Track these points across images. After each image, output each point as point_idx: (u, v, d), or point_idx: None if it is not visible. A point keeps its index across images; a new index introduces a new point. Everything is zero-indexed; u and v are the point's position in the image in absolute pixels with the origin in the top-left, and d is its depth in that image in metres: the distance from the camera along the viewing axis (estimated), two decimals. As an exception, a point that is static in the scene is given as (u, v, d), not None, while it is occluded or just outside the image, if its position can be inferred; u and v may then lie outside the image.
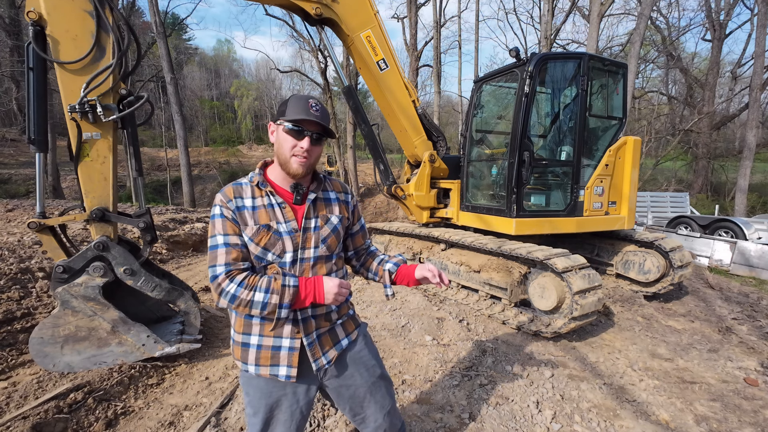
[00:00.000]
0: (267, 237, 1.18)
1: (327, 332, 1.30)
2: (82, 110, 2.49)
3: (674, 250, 4.24)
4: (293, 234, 1.21)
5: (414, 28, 15.65)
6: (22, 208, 8.77)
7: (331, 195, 1.34)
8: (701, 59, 21.98)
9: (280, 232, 1.19)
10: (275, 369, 1.22)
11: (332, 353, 1.30)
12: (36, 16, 2.40)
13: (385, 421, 1.41)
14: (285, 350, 1.22)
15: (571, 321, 3.19)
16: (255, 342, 1.23)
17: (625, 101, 4.44)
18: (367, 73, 4.48)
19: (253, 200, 1.20)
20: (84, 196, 2.65)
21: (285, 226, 1.20)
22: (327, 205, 1.31)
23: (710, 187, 18.32)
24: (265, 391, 1.25)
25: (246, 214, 1.18)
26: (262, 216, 1.19)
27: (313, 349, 1.25)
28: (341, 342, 1.34)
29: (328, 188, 1.35)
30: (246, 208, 1.18)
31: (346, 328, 1.37)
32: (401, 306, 4.10)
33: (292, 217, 1.22)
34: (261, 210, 1.19)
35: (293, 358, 1.22)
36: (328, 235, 1.27)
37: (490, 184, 4.52)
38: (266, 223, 1.18)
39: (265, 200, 1.21)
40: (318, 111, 1.17)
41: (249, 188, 1.22)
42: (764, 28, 11.35)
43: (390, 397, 1.45)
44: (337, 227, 1.31)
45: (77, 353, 2.54)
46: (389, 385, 1.48)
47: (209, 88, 46.30)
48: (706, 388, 2.77)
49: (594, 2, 11.07)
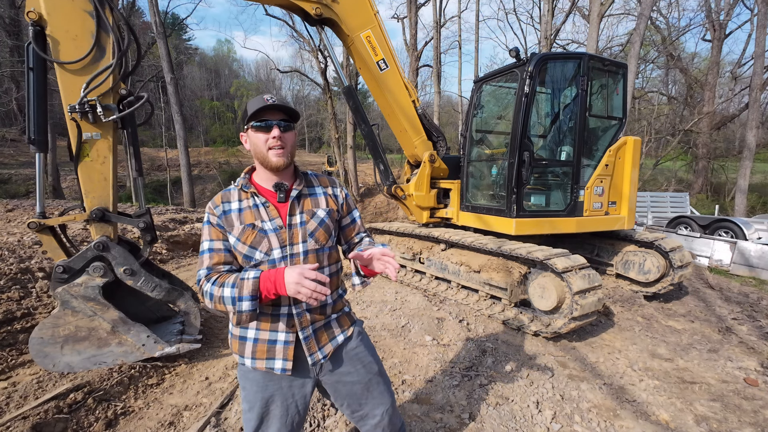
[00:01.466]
0: (252, 235, 1.23)
1: (323, 327, 1.32)
2: (82, 110, 2.49)
3: (674, 250, 4.23)
4: (278, 231, 1.24)
5: (414, 28, 15.65)
6: (22, 208, 8.77)
7: (317, 190, 1.36)
8: (701, 59, 21.99)
9: (265, 230, 1.23)
10: (271, 362, 1.25)
11: (328, 348, 1.32)
12: (36, 16, 2.40)
13: (384, 418, 1.41)
14: (281, 344, 1.25)
15: (571, 321, 3.19)
16: (252, 335, 1.26)
17: (625, 101, 4.44)
18: (367, 73, 4.48)
19: (240, 203, 1.26)
20: (84, 196, 2.65)
21: (269, 224, 1.24)
22: (312, 200, 1.33)
23: (710, 187, 18.31)
24: (260, 384, 1.28)
25: (233, 217, 1.24)
26: (247, 216, 1.24)
27: (309, 343, 1.27)
28: (337, 337, 1.35)
29: (314, 184, 1.38)
30: (233, 211, 1.25)
31: (341, 323, 1.38)
32: (401, 306, 4.10)
33: (275, 215, 1.25)
34: (246, 211, 1.25)
35: (288, 352, 1.25)
36: (315, 229, 1.29)
37: (490, 184, 4.52)
38: (251, 222, 1.24)
39: (250, 201, 1.26)
40: (274, 99, 1.21)
41: (236, 192, 1.28)
42: (764, 29, 11.35)
43: (389, 394, 1.45)
44: (324, 220, 1.31)
45: (77, 353, 2.54)
46: (387, 382, 1.48)
47: (209, 88, 46.27)
48: (706, 388, 2.77)
49: (594, 2, 11.08)
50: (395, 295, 4.46)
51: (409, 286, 4.86)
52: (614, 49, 19.66)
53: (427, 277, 4.82)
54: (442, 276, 4.55)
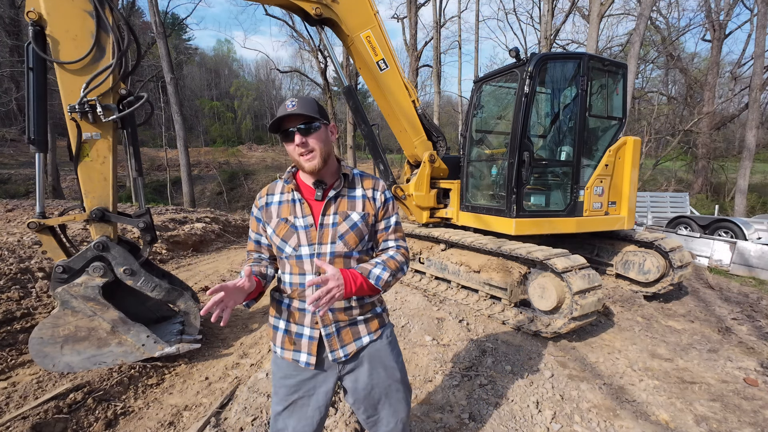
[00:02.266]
0: (285, 229, 1.28)
1: (348, 326, 1.32)
2: (82, 110, 2.49)
3: (674, 250, 4.24)
4: (308, 229, 1.26)
5: (414, 28, 15.66)
6: (21, 208, 8.77)
7: (357, 192, 1.34)
8: (701, 59, 22.00)
9: (296, 226, 1.27)
10: (297, 354, 1.31)
11: (351, 347, 1.32)
12: (36, 16, 2.40)
13: (397, 427, 1.40)
14: (306, 338, 1.30)
15: (570, 321, 3.19)
16: (282, 326, 1.34)
17: (624, 101, 4.44)
18: (367, 73, 4.48)
19: (281, 195, 1.33)
20: (84, 196, 2.65)
21: (302, 221, 1.27)
22: (350, 202, 1.31)
23: (710, 188, 18.31)
24: (287, 372, 1.34)
25: (273, 209, 1.32)
26: (284, 210, 1.30)
27: (331, 340, 1.29)
28: (362, 338, 1.34)
29: (356, 185, 1.35)
30: (273, 204, 1.32)
31: (369, 325, 1.36)
32: (401, 306, 4.10)
33: (308, 212, 1.27)
34: (285, 204, 1.31)
35: (312, 347, 1.29)
36: (345, 232, 1.27)
37: (489, 184, 4.52)
38: (285, 217, 1.29)
39: (289, 196, 1.31)
40: (294, 105, 1.18)
41: (280, 185, 1.35)
42: (764, 29, 11.36)
43: (406, 404, 1.44)
44: (357, 224, 1.29)
45: (77, 353, 2.54)
46: (407, 391, 1.46)
47: (209, 88, 46.25)
48: (705, 388, 2.77)
49: (594, 2, 11.08)
50: (395, 295, 4.46)
51: (408, 286, 4.86)
52: (614, 49, 19.68)
53: (427, 277, 4.82)
54: (441, 276, 4.55)
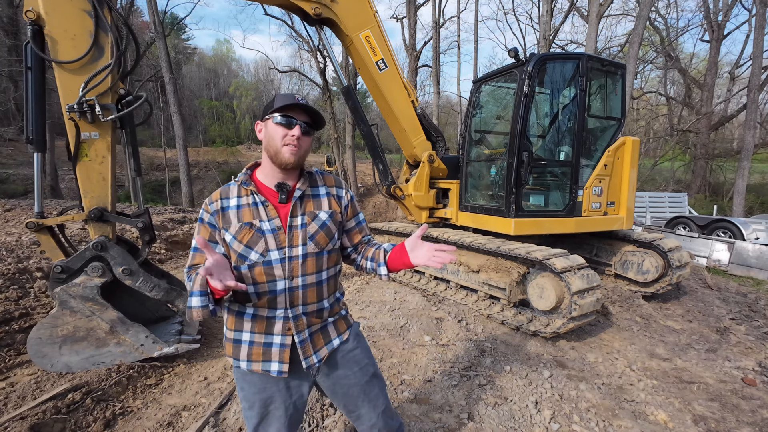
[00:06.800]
0: (249, 234, 1.19)
1: (319, 330, 1.31)
2: (81, 110, 2.49)
3: (672, 251, 4.24)
4: (276, 232, 1.21)
5: (413, 28, 15.67)
6: (20, 208, 8.74)
7: (321, 190, 1.33)
8: (699, 60, 22.03)
9: (263, 230, 1.20)
10: (267, 365, 1.24)
11: (323, 352, 1.31)
12: (34, 15, 2.39)
13: (380, 420, 1.41)
14: (276, 347, 1.24)
15: (569, 321, 3.19)
16: (247, 338, 1.25)
17: (623, 102, 4.45)
18: (366, 74, 4.48)
19: (238, 199, 1.23)
20: (82, 196, 2.65)
21: (268, 224, 1.20)
22: (315, 201, 1.29)
23: (708, 188, 18.34)
24: (258, 386, 1.27)
25: (231, 214, 1.21)
26: (245, 214, 1.21)
27: (305, 347, 1.26)
28: (333, 341, 1.34)
29: (318, 183, 1.34)
30: (230, 208, 1.22)
31: (337, 327, 1.37)
32: (400, 306, 4.10)
33: (274, 215, 1.22)
34: (245, 208, 1.22)
35: (284, 355, 1.24)
36: (316, 232, 1.25)
37: (489, 184, 4.52)
38: (249, 221, 1.20)
39: (250, 199, 1.23)
40: (305, 100, 1.20)
41: (236, 188, 1.25)
42: (762, 29, 11.40)
43: (383, 396, 1.45)
44: (326, 223, 1.28)
45: (75, 353, 2.53)
46: (382, 384, 1.48)
47: (208, 87, 46.23)
48: (704, 388, 2.77)
49: (593, 3, 11.09)
50: (394, 295, 4.46)
51: (407, 286, 4.86)
52: (613, 50, 19.70)
53: (426, 277, 4.82)
54: (441, 276, 4.55)
